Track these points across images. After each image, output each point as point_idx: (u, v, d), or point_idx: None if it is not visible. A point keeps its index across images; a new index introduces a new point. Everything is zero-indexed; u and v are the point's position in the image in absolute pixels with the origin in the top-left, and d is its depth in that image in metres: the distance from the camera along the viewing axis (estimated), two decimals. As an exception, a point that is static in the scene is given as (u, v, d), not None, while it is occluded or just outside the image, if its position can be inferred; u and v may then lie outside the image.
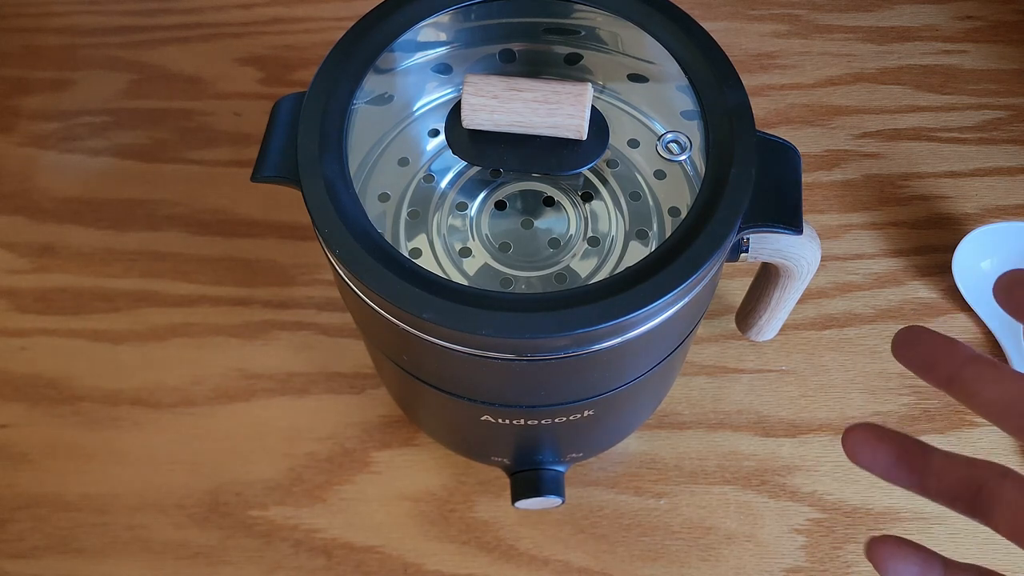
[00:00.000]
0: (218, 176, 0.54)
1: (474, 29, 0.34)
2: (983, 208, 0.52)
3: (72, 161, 0.55)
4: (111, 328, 0.49)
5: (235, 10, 0.62)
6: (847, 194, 0.52)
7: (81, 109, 0.57)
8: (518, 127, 0.30)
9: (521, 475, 0.40)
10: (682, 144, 0.33)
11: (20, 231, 0.53)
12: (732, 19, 0.60)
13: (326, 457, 0.45)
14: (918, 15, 0.60)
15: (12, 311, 0.50)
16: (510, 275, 0.32)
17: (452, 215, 0.34)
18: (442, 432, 0.42)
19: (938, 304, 0.49)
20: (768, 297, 0.40)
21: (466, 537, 0.43)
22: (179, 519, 0.43)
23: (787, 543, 0.42)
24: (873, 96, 0.56)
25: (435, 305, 0.26)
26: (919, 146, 0.54)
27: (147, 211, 0.53)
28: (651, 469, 0.44)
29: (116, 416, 0.46)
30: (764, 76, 0.58)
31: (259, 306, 0.49)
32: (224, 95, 0.58)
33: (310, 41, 0.60)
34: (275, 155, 0.30)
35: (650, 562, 0.42)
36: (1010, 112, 0.55)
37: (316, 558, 0.42)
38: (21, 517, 0.44)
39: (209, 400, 0.46)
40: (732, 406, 0.46)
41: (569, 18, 0.34)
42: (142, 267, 0.51)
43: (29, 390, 0.47)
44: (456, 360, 0.28)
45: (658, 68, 0.33)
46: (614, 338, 0.27)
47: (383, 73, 0.33)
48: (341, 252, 0.27)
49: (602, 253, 0.33)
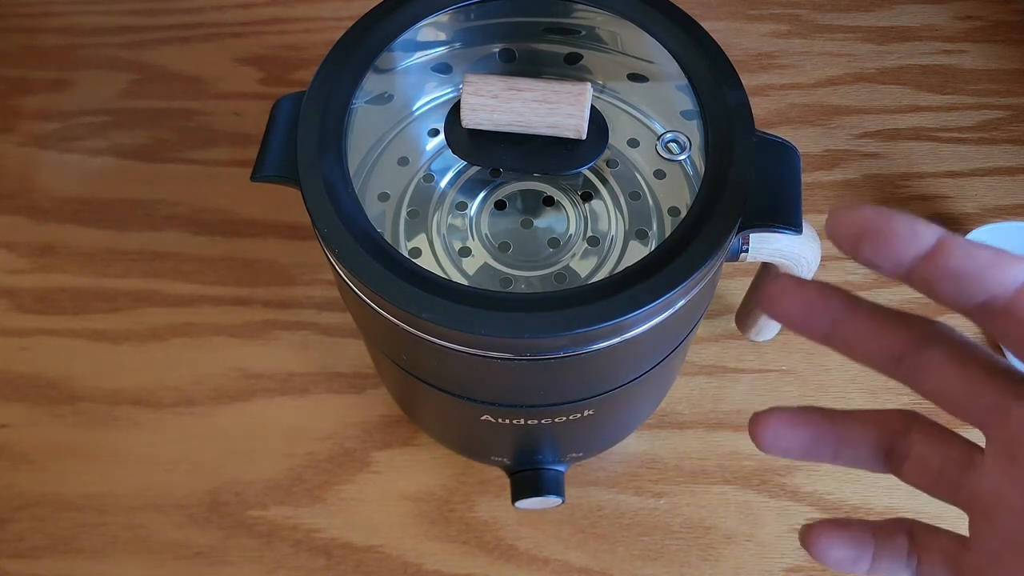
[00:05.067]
0: (218, 176, 0.54)
1: (474, 29, 0.34)
2: (983, 208, 0.52)
3: (72, 161, 0.55)
4: (111, 328, 0.49)
5: (235, 10, 0.62)
6: (847, 194, 0.52)
7: (81, 109, 0.57)
8: (517, 127, 0.30)
9: (521, 475, 0.40)
10: (682, 144, 0.33)
11: (20, 231, 0.53)
12: (732, 19, 0.60)
13: (326, 457, 0.45)
14: (918, 15, 0.60)
15: (12, 311, 0.50)
16: (510, 275, 0.32)
17: (452, 215, 0.34)
18: (442, 432, 0.42)
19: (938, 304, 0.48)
20: (768, 297, 0.40)
21: (466, 537, 0.43)
22: (179, 519, 0.43)
23: (787, 543, 0.42)
24: (873, 96, 0.56)
25: (435, 305, 0.26)
26: (919, 146, 0.54)
27: (147, 211, 0.53)
28: (651, 469, 0.44)
29: (116, 416, 0.46)
30: (764, 76, 0.58)
31: (259, 306, 0.49)
32: (224, 95, 0.58)
33: (310, 41, 0.60)
34: (275, 155, 0.30)
35: (650, 562, 0.42)
36: (1010, 112, 0.55)
37: (316, 558, 0.42)
38: (21, 517, 0.44)
39: (209, 400, 0.46)
40: (732, 406, 0.46)
41: (569, 18, 0.34)
42: (142, 267, 0.51)
43: (29, 390, 0.47)
44: (456, 360, 0.28)
45: (658, 68, 0.33)
46: (614, 338, 0.27)
47: (383, 73, 0.33)
48: (340, 252, 0.27)
49: (602, 253, 0.33)
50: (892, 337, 0.21)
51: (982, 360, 0.20)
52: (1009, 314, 0.19)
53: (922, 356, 0.21)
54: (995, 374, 0.20)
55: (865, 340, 0.21)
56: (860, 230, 0.19)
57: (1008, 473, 0.19)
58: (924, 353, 0.21)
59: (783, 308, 0.22)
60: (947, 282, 0.19)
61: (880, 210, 0.19)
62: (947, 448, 0.22)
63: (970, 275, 0.19)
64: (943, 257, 0.19)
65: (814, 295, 0.22)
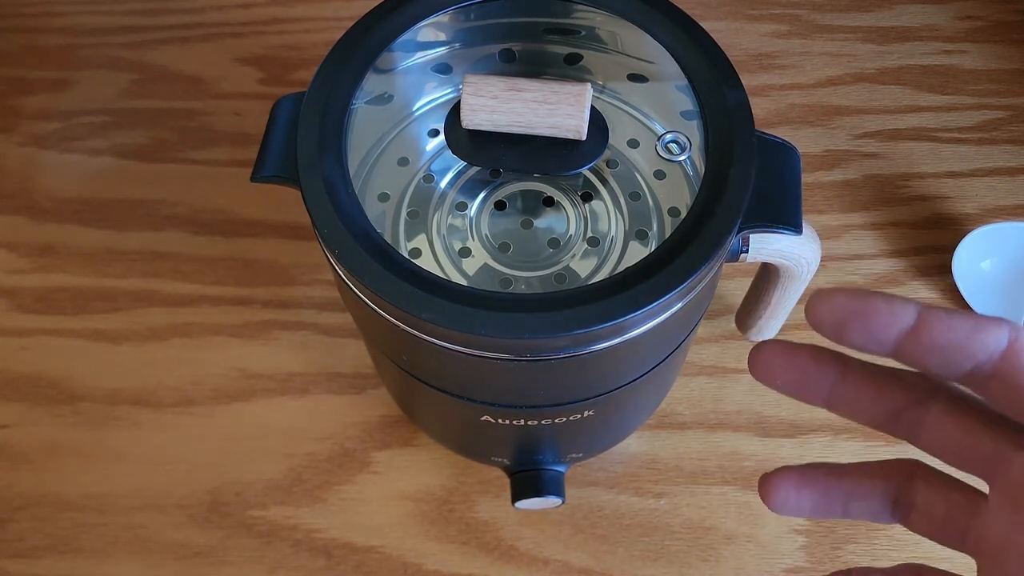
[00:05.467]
0: (218, 176, 0.54)
1: (474, 29, 0.34)
2: (983, 208, 0.52)
3: (72, 161, 0.55)
4: (111, 328, 0.49)
5: (235, 10, 0.62)
6: (847, 194, 0.52)
7: (81, 109, 0.57)
8: (517, 127, 0.30)
9: (521, 475, 0.40)
10: (682, 144, 0.33)
11: (20, 231, 0.53)
12: (732, 19, 0.60)
13: (326, 457, 0.45)
14: (918, 15, 0.60)
15: (12, 311, 0.50)
16: (510, 275, 0.32)
17: (452, 215, 0.34)
18: (442, 432, 0.42)
19: (938, 304, 0.48)
20: (768, 297, 0.40)
21: (466, 537, 0.43)
22: (179, 519, 0.43)
23: (787, 543, 0.42)
24: (873, 96, 0.56)
25: (434, 305, 0.26)
26: (919, 146, 0.54)
27: (147, 211, 0.53)
28: (651, 469, 0.44)
29: (116, 416, 0.46)
30: (764, 76, 0.58)
31: (259, 306, 0.49)
32: (224, 95, 0.58)
33: (310, 41, 0.60)
34: (275, 155, 0.30)
35: (650, 562, 0.42)
36: (1010, 112, 0.55)
37: (316, 558, 0.42)
38: (21, 517, 0.44)
39: (209, 400, 0.46)
40: (732, 406, 0.46)
41: (569, 18, 0.34)
42: (142, 267, 0.51)
43: (29, 390, 0.47)
44: (456, 360, 0.28)
45: (658, 68, 0.33)
46: (614, 338, 0.27)
47: (383, 73, 0.33)
48: (340, 252, 0.27)
49: (602, 253, 0.33)
50: (889, 396, 0.21)
51: (979, 412, 0.21)
52: (998, 378, 0.19)
53: (919, 412, 0.21)
54: (993, 425, 0.20)
55: (865, 403, 0.22)
56: (840, 317, 0.20)
57: (1014, 520, 0.20)
58: (921, 408, 0.21)
59: (779, 379, 0.22)
60: (932, 356, 0.19)
61: (856, 293, 0.20)
62: (951, 494, 0.22)
63: (954, 346, 0.19)
64: (925, 333, 0.19)
65: (808, 361, 0.22)
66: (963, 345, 0.19)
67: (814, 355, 0.22)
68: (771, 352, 0.22)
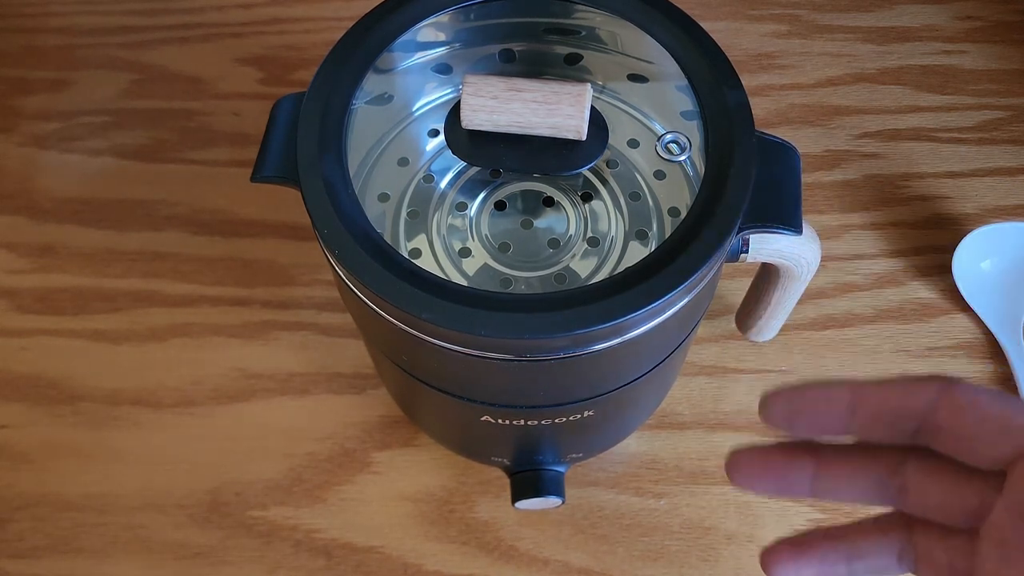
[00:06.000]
0: (218, 176, 0.54)
1: (474, 29, 0.34)
2: (983, 208, 0.52)
3: (72, 161, 0.55)
4: (111, 328, 0.49)
5: (235, 10, 0.62)
6: (847, 194, 0.52)
7: (81, 109, 0.57)
8: (517, 127, 0.30)
9: (521, 475, 0.40)
10: (682, 144, 0.33)
11: (20, 231, 0.53)
12: (732, 19, 0.60)
13: (326, 457, 0.45)
14: (918, 15, 0.60)
15: (12, 311, 0.50)
16: (510, 275, 0.32)
17: (452, 215, 0.34)
18: (442, 432, 0.42)
19: (938, 304, 0.48)
20: (768, 297, 0.40)
21: (466, 537, 0.43)
22: (179, 519, 0.43)
23: (787, 543, 0.42)
24: (873, 96, 0.56)
25: (434, 305, 0.26)
26: (919, 146, 0.54)
27: (147, 211, 0.53)
28: (651, 469, 0.44)
29: (116, 416, 0.46)
30: (764, 76, 0.57)
31: (259, 306, 0.49)
32: (224, 95, 0.58)
33: (310, 41, 0.60)
34: (275, 155, 0.30)
35: (650, 562, 0.42)
36: (1010, 112, 0.55)
37: (316, 558, 0.42)
38: (21, 517, 0.44)
39: (209, 400, 0.46)
40: (732, 406, 0.46)
41: (569, 18, 0.34)
42: (142, 267, 0.51)
43: (29, 390, 0.47)
44: (456, 360, 0.28)
45: (658, 68, 0.33)
46: (614, 338, 0.27)
47: (383, 73, 0.33)
48: (341, 252, 0.27)
49: (602, 253, 0.33)
50: (864, 472, 0.22)
51: (952, 466, 0.21)
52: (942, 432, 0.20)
53: (898, 478, 0.22)
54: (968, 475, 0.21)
55: (845, 484, 0.23)
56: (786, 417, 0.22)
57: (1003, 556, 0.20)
58: (899, 475, 0.22)
59: (759, 484, 0.23)
60: (878, 427, 0.21)
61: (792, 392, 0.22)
62: (947, 540, 0.22)
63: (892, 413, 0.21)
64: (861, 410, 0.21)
65: (781, 461, 0.23)
66: (899, 410, 0.20)
67: (786, 453, 0.23)
68: (745, 460, 0.23)
